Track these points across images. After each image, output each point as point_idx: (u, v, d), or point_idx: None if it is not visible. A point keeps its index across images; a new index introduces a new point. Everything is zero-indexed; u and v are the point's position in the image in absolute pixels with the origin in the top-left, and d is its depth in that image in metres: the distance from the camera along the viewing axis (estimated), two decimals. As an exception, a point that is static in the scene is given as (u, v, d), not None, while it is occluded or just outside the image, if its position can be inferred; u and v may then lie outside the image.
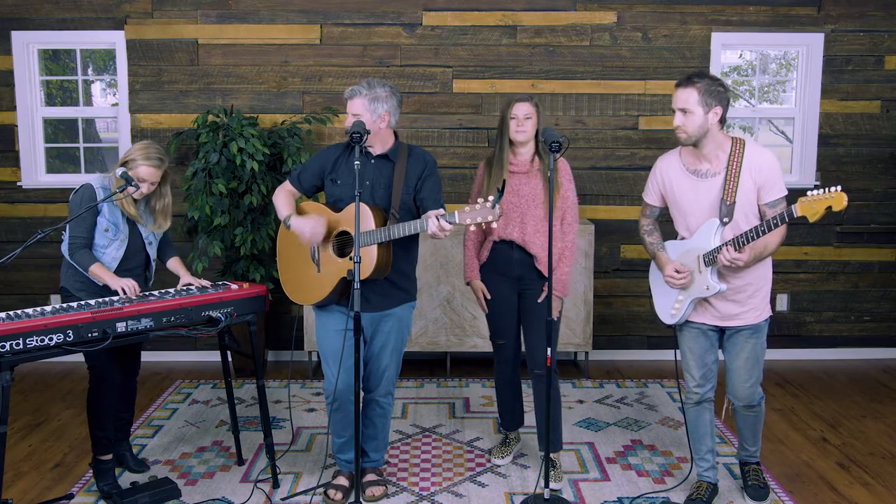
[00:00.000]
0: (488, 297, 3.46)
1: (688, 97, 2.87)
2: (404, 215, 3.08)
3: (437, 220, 2.79)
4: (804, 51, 5.14)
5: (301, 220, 3.08)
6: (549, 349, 3.13)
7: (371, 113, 3.02)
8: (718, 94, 2.87)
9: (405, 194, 3.10)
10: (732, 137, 2.97)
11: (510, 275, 3.42)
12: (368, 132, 2.90)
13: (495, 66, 5.09)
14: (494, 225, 2.77)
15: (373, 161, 3.12)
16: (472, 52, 5.08)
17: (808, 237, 5.24)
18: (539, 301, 3.38)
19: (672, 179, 3.06)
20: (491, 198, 2.77)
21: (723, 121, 2.92)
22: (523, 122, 3.31)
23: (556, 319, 3.40)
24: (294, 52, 5.08)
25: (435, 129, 5.15)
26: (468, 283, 3.53)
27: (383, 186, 3.10)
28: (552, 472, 3.38)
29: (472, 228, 2.79)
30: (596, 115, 5.14)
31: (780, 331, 5.33)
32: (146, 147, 3.22)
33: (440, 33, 5.07)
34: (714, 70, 5.08)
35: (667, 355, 5.29)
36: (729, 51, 5.32)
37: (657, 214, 3.22)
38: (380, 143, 3.12)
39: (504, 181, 3.02)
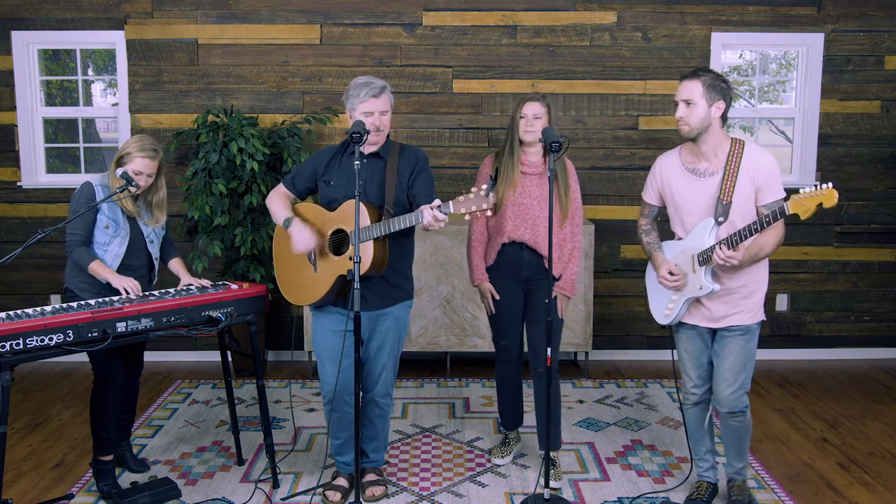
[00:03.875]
0: (497, 298, 3.44)
1: (693, 89, 2.88)
2: (398, 212, 3.08)
3: (432, 210, 2.80)
4: (804, 51, 5.14)
5: (299, 228, 3.08)
6: (548, 349, 3.14)
7: (391, 108, 3.12)
8: (722, 89, 2.88)
9: (398, 191, 3.11)
10: (732, 138, 2.96)
11: (518, 276, 3.42)
12: (368, 132, 2.91)
13: (495, 66, 5.09)
14: (489, 213, 2.76)
15: (364, 160, 3.12)
16: (472, 52, 5.08)
17: (808, 237, 5.24)
18: (547, 301, 3.33)
19: (670, 178, 3.05)
20: (485, 186, 2.76)
21: (724, 118, 2.92)
22: (532, 122, 3.30)
23: (561, 319, 3.43)
24: (294, 52, 5.08)
25: (435, 129, 5.15)
26: (476, 286, 3.51)
27: (376, 184, 3.12)
28: (552, 472, 3.38)
29: (467, 217, 2.80)
30: (596, 115, 5.14)
31: (780, 331, 5.33)
32: (140, 140, 3.23)
33: (440, 33, 5.07)
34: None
35: (667, 355, 5.28)
36: (729, 51, 5.32)
37: (655, 214, 3.21)
38: (372, 142, 3.14)
39: (497, 169, 3.00)
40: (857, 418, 4.25)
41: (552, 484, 3.30)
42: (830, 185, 2.63)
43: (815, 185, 2.65)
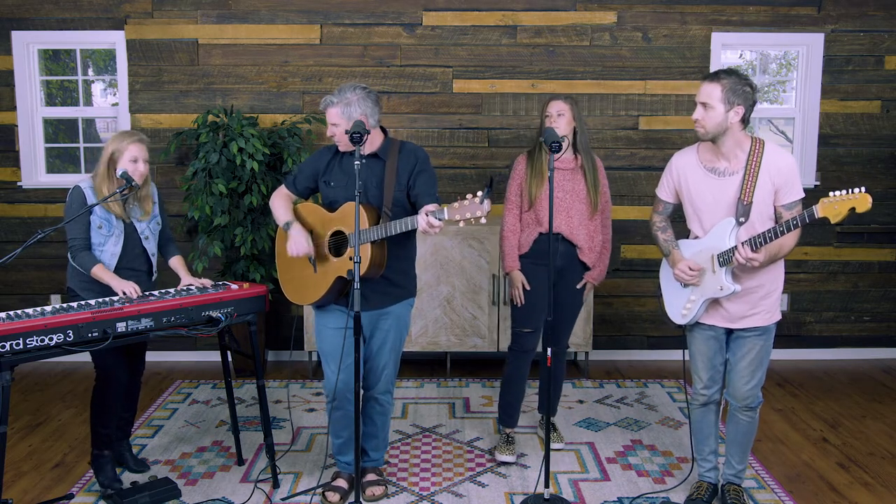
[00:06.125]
0: (528, 287, 3.56)
1: (711, 92, 2.84)
2: (397, 212, 3.08)
3: (426, 216, 2.79)
4: (804, 51, 5.14)
5: (297, 231, 3.12)
6: (548, 350, 3.18)
7: (347, 120, 3.05)
8: (744, 93, 2.83)
9: (397, 191, 3.10)
10: (752, 137, 2.93)
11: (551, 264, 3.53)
12: (368, 132, 2.91)
13: (495, 66, 5.09)
14: (483, 221, 2.76)
15: (364, 160, 3.12)
16: (472, 52, 5.08)
17: (808, 237, 5.24)
18: (578, 287, 3.63)
19: (688, 176, 3.02)
20: (480, 193, 2.74)
21: (745, 121, 2.89)
22: (556, 119, 3.49)
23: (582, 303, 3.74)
24: (294, 52, 5.08)
25: (435, 129, 5.15)
26: (507, 274, 3.63)
27: (375, 185, 3.11)
28: (553, 435, 3.78)
29: (461, 224, 2.80)
30: (596, 115, 5.14)
31: (780, 331, 5.26)
32: (122, 133, 3.28)
33: (440, 33, 5.07)
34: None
35: (667, 355, 5.29)
36: (729, 51, 5.32)
37: (670, 211, 3.17)
38: (368, 143, 3.12)
39: (492, 176, 3.08)
40: (857, 418, 4.26)
41: (555, 445, 3.75)
42: (863, 189, 2.59)
43: (847, 190, 2.62)
